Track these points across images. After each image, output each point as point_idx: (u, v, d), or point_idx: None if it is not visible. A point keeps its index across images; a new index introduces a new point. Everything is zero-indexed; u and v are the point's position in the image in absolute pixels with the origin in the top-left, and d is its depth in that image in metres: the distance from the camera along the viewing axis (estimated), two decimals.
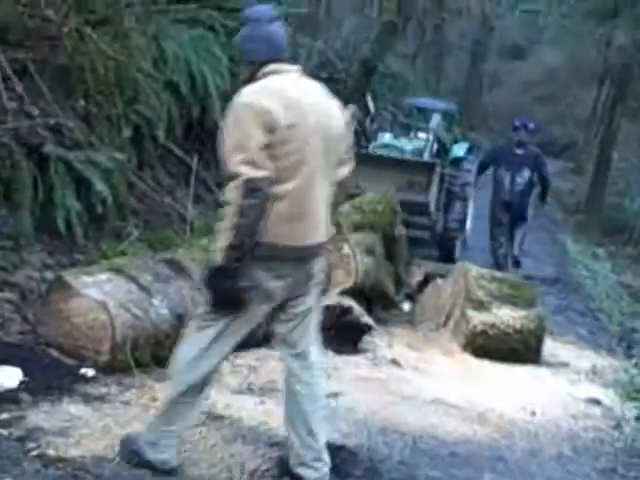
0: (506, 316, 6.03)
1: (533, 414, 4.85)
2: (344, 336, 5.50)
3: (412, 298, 7.19)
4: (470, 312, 6.06)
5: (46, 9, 5.70)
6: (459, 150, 10.39)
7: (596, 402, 5.31)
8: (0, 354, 3.99)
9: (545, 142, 19.22)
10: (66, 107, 5.75)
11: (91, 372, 4.10)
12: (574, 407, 5.16)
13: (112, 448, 3.29)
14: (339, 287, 6.03)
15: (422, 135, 10.15)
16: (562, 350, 6.62)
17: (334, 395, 4.39)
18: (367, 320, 5.73)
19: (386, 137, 10.06)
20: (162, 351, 4.11)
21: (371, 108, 10.70)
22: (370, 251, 6.56)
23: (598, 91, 22.08)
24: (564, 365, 6.18)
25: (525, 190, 9.01)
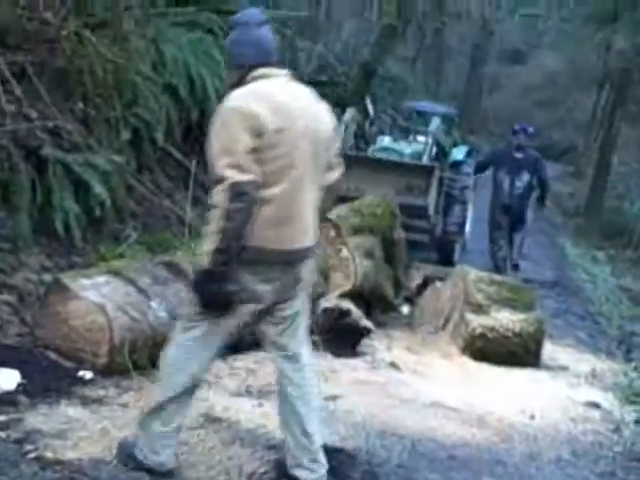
0: (505, 319, 6.02)
1: (532, 417, 4.84)
2: (343, 339, 5.50)
3: (411, 301, 7.18)
4: (469, 315, 6.05)
5: (45, 12, 5.72)
6: (458, 154, 10.40)
7: (595, 406, 5.30)
8: None
9: (545, 146, 19.28)
10: (65, 110, 5.74)
11: (89, 374, 4.10)
12: (573, 410, 5.14)
13: (110, 451, 3.28)
14: (338, 290, 6.02)
15: (421, 138, 10.14)
16: (561, 353, 6.61)
17: (332, 398, 4.38)
18: (366, 323, 5.73)
19: (385, 140, 10.04)
20: (160, 354, 4.10)
21: (370, 111, 10.73)
22: (369, 254, 6.56)
23: (598, 95, 22.09)
24: (563, 368, 6.17)
25: (524, 194, 9.03)
